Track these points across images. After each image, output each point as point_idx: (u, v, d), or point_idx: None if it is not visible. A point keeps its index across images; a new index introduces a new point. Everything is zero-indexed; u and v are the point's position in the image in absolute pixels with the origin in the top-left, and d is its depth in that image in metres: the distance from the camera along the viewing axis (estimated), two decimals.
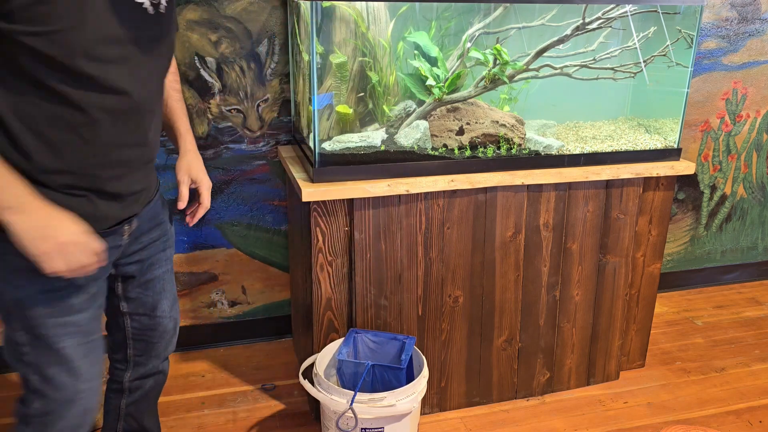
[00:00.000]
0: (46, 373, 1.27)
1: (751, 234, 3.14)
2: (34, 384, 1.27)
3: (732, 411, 2.22)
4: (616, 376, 2.37)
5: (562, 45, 2.01)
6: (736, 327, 2.78)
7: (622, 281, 2.24)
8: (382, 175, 1.87)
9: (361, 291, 1.95)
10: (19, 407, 1.32)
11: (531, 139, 2.07)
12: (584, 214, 2.11)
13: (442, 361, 2.11)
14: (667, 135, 2.21)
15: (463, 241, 2.00)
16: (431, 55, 2.01)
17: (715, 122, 2.88)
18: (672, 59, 2.12)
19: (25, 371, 1.27)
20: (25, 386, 1.29)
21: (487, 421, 2.14)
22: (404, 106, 2.07)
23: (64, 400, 1.30)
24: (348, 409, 1.71)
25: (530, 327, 2.18)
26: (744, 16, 2.74)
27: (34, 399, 1.29)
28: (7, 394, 2.22)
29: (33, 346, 1.24)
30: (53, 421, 1.30)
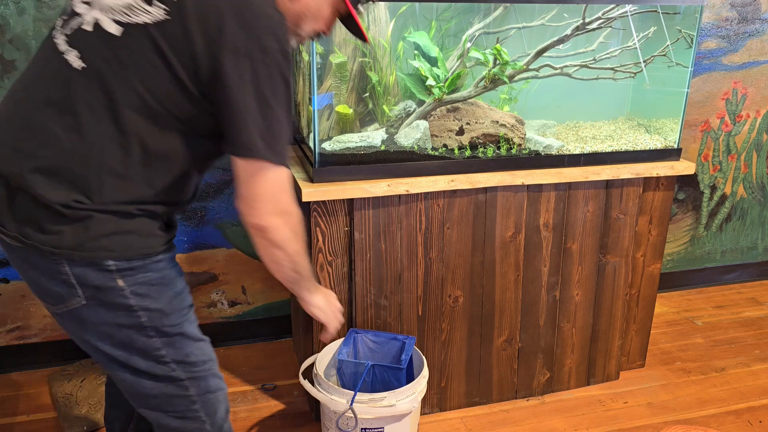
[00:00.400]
0: (188, 356, 1.31)
1: (751, 234, 3.14)
2: (181, 376, 1.31)
3: (732, 411, 2.22)
4: (616, 376, 2.37)
5: (562, 45, 2.01)
6: (736, 327, 2.78)
7: (622, 281, 2.24)
8: (382, 175, 1.87)
9: (361, 291, 1.95)
10: (175, 410, 1.34)
11: (531, 139, 2.07)
12: (584, 214, 2.11)
13: (442, 361, 2.11)
14: (667, 135, 2.21)
15: (463, 241, 2.00)
16: (431, 55, 2.01)
17: (715, 122, 2.88)
18: (672, 59, 2.12)
19: (166, 372, 1.29)
20: (174, 387, 1.31)
21: (487, 421, 2.14)
22: (404, 106, 2.07)
23: (208, 376, 1.34)
24: (348, 409, 1.71)
25: (530, 327, 2.18)
26: (744, 16, 2.74)
27: (188, 387, 1.32)
28: (7, 394, 2.23)
29: (166, 343, 1.28)
30: (215, 400, 1.36)
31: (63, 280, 1.18)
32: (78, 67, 1.16)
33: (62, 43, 1.19)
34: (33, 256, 1.18)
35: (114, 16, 1.16)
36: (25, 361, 2.36)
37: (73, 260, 1.17)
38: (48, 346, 2.37)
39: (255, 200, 1.21)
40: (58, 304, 1.22)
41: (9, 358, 2.34)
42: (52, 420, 2.10)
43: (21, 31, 2.05)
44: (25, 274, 1.23)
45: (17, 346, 2.34)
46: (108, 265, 1.18)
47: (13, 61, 2.08)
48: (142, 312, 1.23)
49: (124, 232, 1.19)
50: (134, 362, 1.26)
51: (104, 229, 1.17)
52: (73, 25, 1.20)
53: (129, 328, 1.24)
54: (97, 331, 1.24)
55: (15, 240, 1.17)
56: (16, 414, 2.12)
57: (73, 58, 1.17)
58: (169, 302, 1.27)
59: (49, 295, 1.22)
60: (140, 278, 1.22)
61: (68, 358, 2.38)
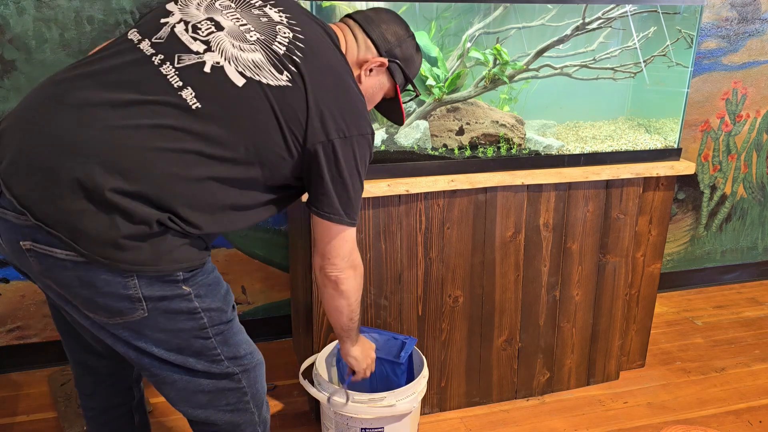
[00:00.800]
0: (239, 350, 1.34)
1: (751, 234, 3.14)
2: (233, 370, 1.34)
3: (732, 411, 2.22)
4: (616, 376, 2.37)
5: (562, 45, 2.01)
6: (736, 327, 2.78)
7: (622, 281, 2.24)
8: (382, 175, 1.87)
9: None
10: (228, 403, 1.36)
11: (531, 139, 2.07)
12: (584, 214, 2.11)
13: (442, 361, 2.11)
14: (667, 135, 2.21)
15: (463, 241, 2.00)
16: (431, 55, 2.01)
17: (715, 122, 2.88)
18: (672, 59, 2.12)
19: (221, 369, 1.32)
20: (227, 380, 1.34)
21: (487, 421, 2.14)
22: (404, 106, 2.06)
23: (256, 364, 1.39)
24: (344, 390, 1.71)
25: (530, 327, 2.18)
26: (744, 16, 2.74)
27: (241, 379, 1.35)
28: (7, 394, 2.23)
29: (221, 342, 1.31)
30: (260, 390, 1.41)
31: (128, 295, 1.17)
32: (193, 107, 1.18)
33: (173, 75, 1.19)
34: (93, 273, 1.15)
35: (239, 68, 1.22)
36: (25, 361, 2.36)
37: (143, 275, 1.17)
38: (48, 346, 2.37)
39: (334, 256, 1.39)
40: (113, 317, 1.20)
41: (9, 358, 2.34)
42: (52, 420, 2.10)
43: (21, 31, 2.05)
44: (74, 291, 1.18)
45: (17, 346, 2.34)
46: (177, 276, 1.21)
47: (13, 61, 2.08)
48: (204, 313, 1.26)
49: (188, 245, 1.22)
50: (190, 364, 1.28)
51: (176, 243, 1.19)
52: (186, 61, 1.21)
53: (189, 331, 1.26)
54: (153, 338, 1.24)
55: (78, 256, 1.12)
56: (16, 414, 2.12)
57: (188, 95, 1.18)
58: (224, 299, 1.31)
59: (104, 310, 1.19)
60: (200, 281, 1.26)
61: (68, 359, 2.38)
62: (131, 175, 1.13)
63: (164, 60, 1.20)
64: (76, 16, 2.08)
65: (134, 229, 1.13)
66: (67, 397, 2.14)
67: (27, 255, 1.15)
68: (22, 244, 1.14)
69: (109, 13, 2.10)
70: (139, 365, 1.29)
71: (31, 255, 1.15)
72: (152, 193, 1.14)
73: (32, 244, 1.13)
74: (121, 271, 1.15)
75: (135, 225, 1.13)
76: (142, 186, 1.13)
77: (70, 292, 1.18)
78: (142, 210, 1.14)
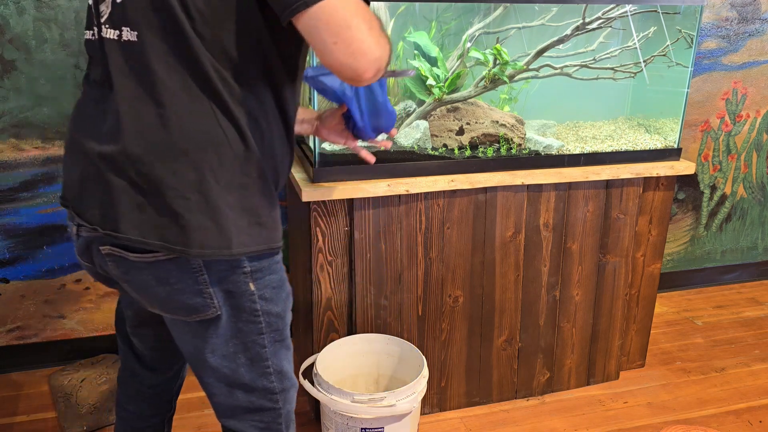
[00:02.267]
0: (284, 366, 1.30)
1: (751, 234, 3.14)
2: (276, 389, 1.30)
3: (732, 411, 2.22)
4: (616, 376, 2.37)
5: (562, 45, 2.01)
6: (736, 327, 2.78)
7: (622, 281, 2.24)
8: (382, 175, 1.87)
9: (361, 291, 1.95)
10: (261, 421, 1.32)
11: (531, 139, 2.07)
12: (584, 214, 2.11)
13: (442, 361, 2.11)
14: (667, 135, 2.21)
15: (463, 241, 2.00)
16: (431, 55, 2.01)
17: (715, 122, 2.88)
18: (672, 59, 2.12)
19: (265, 384, 1.28)
20: (266, 400, 1.30)
21: (487, 421, 2.14)
22: (404, 106, 2.07)
23: (293, 386, 1.34)
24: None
25: (530, 327, 2.18)
26: (744, 16, 2.74)
27: (278, 399, 1.31)
28: (7, 394, 2.23)
29: (273, 353, 1.27)
30: (292, 410, 1.36)
31: (199, 290, 1.16)
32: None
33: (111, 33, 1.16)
34: (165, 271, 1.14)
35: None
36: (25, 361, 2.36)
37: (212, 266, 1.15)
38: (48, 346, 2.37)
39: (355, 49, 1.02)
40: (190, 315, 1.19)
41: (9, 358, 2.34)
42: (52, 420, 2.10)
43: (21, 31, 2.05)
44: (152, 291, 1.18)
45: (17, 346, 2.34)
46: (244, 268, 1.17)
47: (13, 61, 2.08)
48: (264, 316, 1.22)
49: (255, 224, 1.16)
50: (238, 375, 1.25)
51: (241, 222, 1.14)
52: (103, 14, 1.17)
53: (247, 335, 1.22)
54: (211, 343, 1.22)
55: (149, 255, 1.13)
56: (16, 414, 2.12)
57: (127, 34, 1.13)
58: (284, 305, 1.26)
59: (182, 308, 1.18)
60: (267, 281, 1.21)
61: (68, 358, 2.38)
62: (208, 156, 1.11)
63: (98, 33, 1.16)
64: (76, 16, 2.08)
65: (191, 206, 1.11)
66: (67, 397, 2.14)
67: (107, 260, 1.17)
68: (102, 249, 1.16)
69: None
70: (196, 370, 1.27)
71: (110, 260, 1.17)
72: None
73: (110, 248, 1.15)
74: (191, 267, 1.14)
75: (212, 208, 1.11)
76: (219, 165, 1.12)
77: (148, 293, 1.18)
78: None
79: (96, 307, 2.37)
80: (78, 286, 2.34)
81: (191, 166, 1.09)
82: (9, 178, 2.18)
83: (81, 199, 1.18)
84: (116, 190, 1.11)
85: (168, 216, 1.10)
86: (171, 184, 1.09)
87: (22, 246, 2.25)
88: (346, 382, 2.00)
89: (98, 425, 2.06)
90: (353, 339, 1.98)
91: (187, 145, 1.09)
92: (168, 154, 1.09)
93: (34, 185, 2.21)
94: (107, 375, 2.22)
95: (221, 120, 1.11)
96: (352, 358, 1.99)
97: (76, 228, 1.19)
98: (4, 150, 2.15)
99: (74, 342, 2.39)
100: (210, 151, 1.10)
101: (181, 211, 1.09)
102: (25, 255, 2.26)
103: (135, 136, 1.09)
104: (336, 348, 1.95)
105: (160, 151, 1.09)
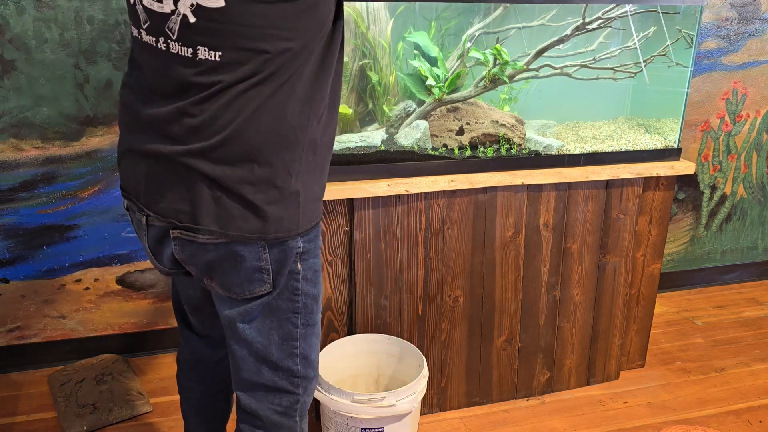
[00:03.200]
0: (312, 353, 1.36)
1: (751, 234, 3.14)
2: (299, 372, 1.35)
3: (732, 411, 2.22)
4: (616, 376, 2.37)
5: (562, 45, 2.01)
6: (736, 327, 2.78)
7: (622, 281, 2.24)
8: (382, 175, 1.87)
9: (361, 291, 1.95)
10: (280, 404, 1.37)
11: (531, 139, 2.07)
12: (584, 214, 2.11)
13: (442, 361, 2.11)
14: (667, 135, 2.21)
15: (463, 241, 2.00)
16: (431, 55, 2.01)
17: (715, 122, 2.88)
18: (672, 59, 2.12)
19: (290, 365, 1.33)
20: (288, 382, 1.35)
21: (487, 421, 2.14)
22: (404, 106, 2.07)
23: (315, 377, 1.40)
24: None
25: (530, 327, 2.18)
26: (744, 16, 2.74)
27: (299, 384, 1.36)
28: (7, 394, 2.23)
29: (303, 335, 1.33)
30: (308, 402, 1.42)
31: (260, 267, 1.22)
32: (218, 59, 1.16)
33: (179, 48, 1.19)
34: (232, 250, 1.20)
35: None
36: (25, 361, 2.36)
37: (273, 246, 1.21)
38: (48, 346, 2.37)
39: None
40: (245, 292, 1.25)
41: (9, 358, 2.34)
42: (52, 420, 2.10)
43: (21, 31, 2.05)
44: (215, 271, 1.23)
45: (17, 346, 2.34)
46: (297, 249, 1.24)
47: (13, 61, 2.08)
48: (302, 297, 1.29)
49: (316, 200, 1.26)
50: (269, 351, 1.30)
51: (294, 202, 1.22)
52: (174, 25, 1.19)
53: (284, 312, 1.28)
54: (250, 316, 1.27)
55: (220, 237, 1.18)
56: (16, 414, 2.12)
57: (204, 54, 1.17)
58: (320, 289, 1.34)
59: (240, 284, 1.24)
60: (311, 263, 1.29)
61: (68, 358, 2.38)
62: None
63: (162, 40, 1.16)
64: (76, 16, 2.08)
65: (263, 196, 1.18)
66: (67, 397, 2.14)
67: (174, 243, 1.23)
68: (172, 233, 1.22)
69: (109, 13, 2.10)
70: (234, 342, 1.31)
71: (177, 243, 1.22)
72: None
73: (180, 232, 1.21)
74: (256, 246, 1.20)
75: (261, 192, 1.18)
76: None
77: (210, 271, 1.24)
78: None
79: (96, 307, 2.38)
80: (78, 286, 2.34)
81: (267, 164, 1.16)
82: (9, 178, 2.18)
83: (157, 196, 1.22)
84: (194, 184, 1.17)
85: (246, 208, 1.17)
86: (250, 180, 1.16)
87: (22, 246, 2.25)
88: (346, 382, 2.00)
89: (98, 425, 2.06)
90: (353, 339, 1.98)
91: (263, 146, 1.16)
92: (247, 155, 1.16)
93: (34, 185, 2.21)
94: (107, 375, 2.22)
95: (290, 118, 1.17)
96: (352, 358, 1.99)
97: (146, 218, 1.25)
98: (4, 150, 2.15)
99: (74, 342, 2.39)
100: (282, 149, 1.17)
101: (260, 204, 1.17)
102: (25, 255, 2.26)
103: (213, 135, 1.15)
104: (336, 348, 1.95)
105: (239, 153, 1.15)
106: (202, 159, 1.15)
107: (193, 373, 1.60)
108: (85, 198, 2.26)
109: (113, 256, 2.34)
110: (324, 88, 1.21)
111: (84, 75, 2.14)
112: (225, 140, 1.14)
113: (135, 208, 1.28)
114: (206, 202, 1.17)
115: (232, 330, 1.30)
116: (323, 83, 1.20)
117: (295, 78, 1.15)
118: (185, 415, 1.65)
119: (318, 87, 1.19)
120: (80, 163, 2.23)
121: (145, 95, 1.21)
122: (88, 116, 2.19)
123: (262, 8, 1.08)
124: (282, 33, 1.11)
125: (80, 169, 2.23)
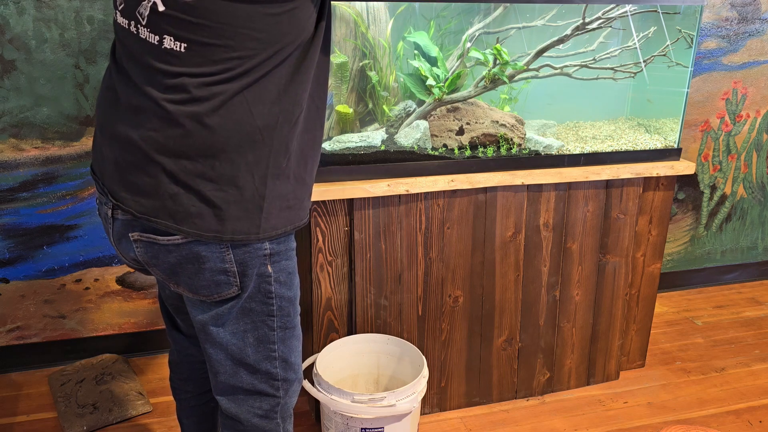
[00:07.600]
0: (291, 356, 1.35)
1: (751, 234, 3.14)
2: (279, 375, 1.34)
3: (732, 411, 2.22)
4: (616, 376, 2.37)
5: (562, 45, 2.01)
6: (736, 327, 2.78)
7: (622, 281, 2.24)
8: (382, 175, 1.87)
9: (361, 291, 1.95)
10: (260, 407, 1.36)
11: (531, 139, 2.07)
12: (584, 214, 2.11)
13: (442, 361, 2.11)
14: (667, 135, 2.21)
15: (463, 241, 2.00)
16: (431, 55, 2.01)
17: (715, 122, 2.88)
18: (672, 59, 2.12)
19: (269, 368, 1.32)
20: (268, 386, 1.34)
21: (487, 421, 2.14)
22: (404, 106, 2.07)
23: (297, 380, 1.38)
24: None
25: (530, 327, 2.18)
26: (744, 16, 2.74)
27: (279, 387, 1.35)
28: (7, 394, 2.23)
29: (281, 338, 1.31)
30: (291, 404, 1.40)
31: (224, 269, 1.20)
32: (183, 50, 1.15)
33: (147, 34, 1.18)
34: (193, 251, 1.19)
35: None
36: (25, 361, 2.36)
37: (237, 248, 1.20)
38: (48, 346, 2.37)
39: None
40: (212, 295, 1.24)
41: (9, 358, 2.34)
42: (52, 420, 2.10)
43: (21, 31, 2.05)
44: (178, 272, 1.22)
45: (17, 346, 2.34)
46: (264, 250, 1.22)
47: (13, 61, 2.08)
48: (277, 300, 1.27)
49: (285, 208, 1.23)
50: (245, 354, 1.29)
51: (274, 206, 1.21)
52: (144, 11, 1.18)
53: (258, 314, 1.27)
54: (223, 319, 1.26)
55: (182, 238, 1.17)
56: (16, 414, 2.13)
57: (169, 43, 1.16)
58: (296, 291, 1.31)
59: (205, 287, 1.23)
60: (283, 265, 1.26)
61: (68, 358, 2.38)
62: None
63: (134, 24, 1.16)
64: (76, 16, 2.08)
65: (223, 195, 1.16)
66: (67, 397, 2.14)
67: (135, 246, 1.22)
68: (131, 236, 1.21)
69: (109, 13, 2.10)
70: (209, 346, 1.30)
71: (138, 245, 1.22)
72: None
73: (139, 234, 1.20)
74: (218, 247, 1.18)
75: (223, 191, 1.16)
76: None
77: (175, 275, 1.23)
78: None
79: (96, 307, 2.38)
80: (78, 286, 2.34)
81: (229, 161, 1.14)
82: (9, 178, 2.18)
83: (119, 182, 1.20)
84: (156, 176, 1.15)
85: (204, 206, 1.16)
86: (209, 177, 1.14)
87: (22, 246, 2.25)
88: (346, 382, 2.00)
89: (98, 425, 2.06)
90: (353, 339, 1.98)
91: (226, 142, 1.13)
92: (208, 150, 1.14)
93: (34, 185, 2.21)
94: (107, 375, 2.23)
95: (257, 118, 1.14)
96: (352, 358, 1.99)
97: (111, 211, 1.23)
98: (4, 150, 2.15)
99: (74, 342, 2.39)
100: (246, 148, 1.15)
101: (218, 202, 1.15)
102: (25, 255, 2.26)
103: (174, 126, 1.14)
104: (336, 348, 1.95)
105: (200, 147, 1.14)
106: (164, 150, 1.13)
107: (183, 374, 1.59)
108: (85, 198, 2.27)
109: (113, 256, 2.34)
110: (298, 93, 1.18)
111: (84, 75, 2.14)
112: (186, 133, 1.12)
113: (103, 199, 1.26)
114: (164, 195, 1.15)
115: (206, 333, 1.29)
116: (298, 88, 1.18)
117: (267, 79, 1.13)
118: (180, 417, 1.64)
119: (292, 91, 1.17)
120: (80, 163, 2.23)
121: (124, 77, 1.20)
122: (88, 116, 2.19)
123: (234, 7, 1.07)
124: (253, 33, 1.09)
125: (80, 169, 2.23)
